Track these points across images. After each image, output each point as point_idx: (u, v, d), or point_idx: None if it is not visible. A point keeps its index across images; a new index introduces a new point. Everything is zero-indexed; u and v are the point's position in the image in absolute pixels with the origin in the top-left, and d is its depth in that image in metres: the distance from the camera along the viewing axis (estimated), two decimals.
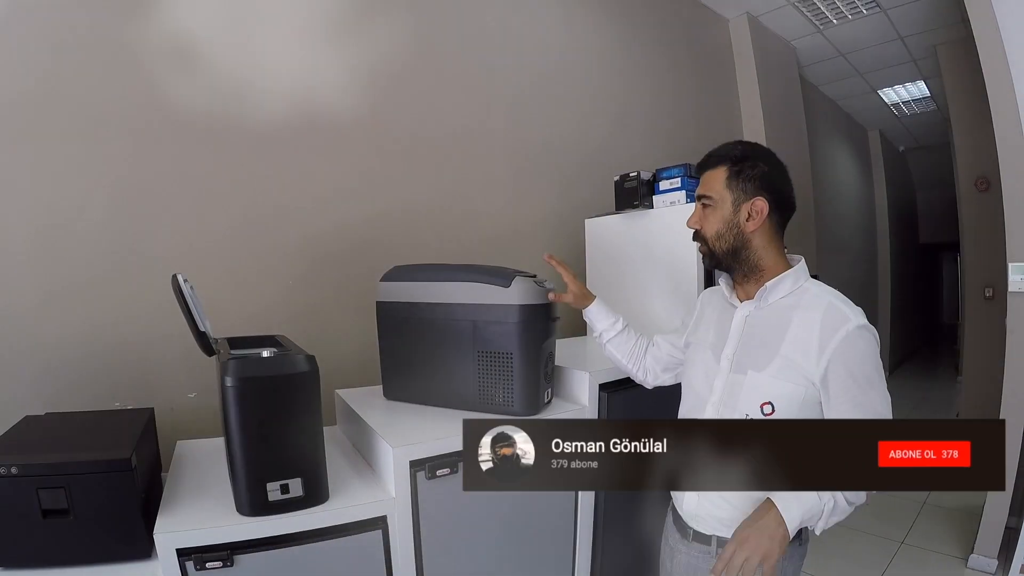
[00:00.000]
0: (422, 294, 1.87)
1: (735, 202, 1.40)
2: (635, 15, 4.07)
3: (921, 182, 10.55)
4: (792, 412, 1.29)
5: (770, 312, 1.38)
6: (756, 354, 1.36)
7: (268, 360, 1.39)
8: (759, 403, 1.31)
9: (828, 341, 1.26)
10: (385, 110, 2.68)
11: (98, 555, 1.31)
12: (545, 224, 3.31)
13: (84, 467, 1.28)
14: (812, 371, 1.27)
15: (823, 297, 1.34)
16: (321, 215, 2.46)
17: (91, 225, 1.99)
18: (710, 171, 1.44)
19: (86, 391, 1.96)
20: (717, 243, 1.41)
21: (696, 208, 1.46)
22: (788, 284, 1.39)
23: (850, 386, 1.26)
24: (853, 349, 1.26)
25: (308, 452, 1.42)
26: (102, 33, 2.01)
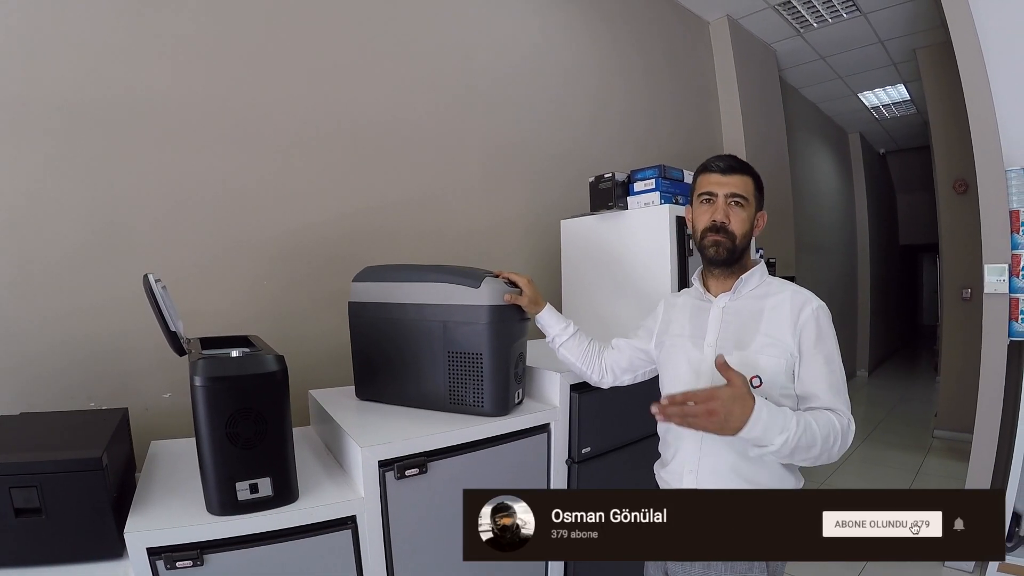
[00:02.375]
0: (393, 294, 1.89)
1: (756, 209, 1.59)
2: (614, 16, 4.10)
3: (901, 185, 10.66)
4: (777, 381, 1.43)
5: (744, 302, 1.56)
6: (739, 336, 1.51)
7: (237, 360, 1.40)
8: (748, 377, 1.32)
9: (798, 316, 1.45)
10: (358, 108, 2.68)
11: (70, 554, 1.31)
12: (521, 224, 3.32)
13: (55, 466, 1.27)
14: (790, 342, 1.44)
15: (786, 286, 1.55)
16: (296, 215, 2.46)
17: (66, 226, 1.98)
18: (741, 176, 1.57)
19: (62, 392, 1.95)
20: (742, 241, 1.55)
21: (719, 203, 1.55)
22: (757, 278, 1.58)
23: (818, 358, 1.42)
24: (818, 321, 1.45)
25: (277, 452, 1.42)
26: (79, 29, 2.00)
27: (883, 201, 10.05)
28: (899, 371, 9.36)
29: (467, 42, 3.15)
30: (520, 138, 3.37)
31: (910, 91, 6.85)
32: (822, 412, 1.35)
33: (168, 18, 2.17)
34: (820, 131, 7.62)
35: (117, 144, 2.07)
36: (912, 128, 8.14)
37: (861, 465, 4.97)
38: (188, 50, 2.22)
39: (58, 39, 1.97)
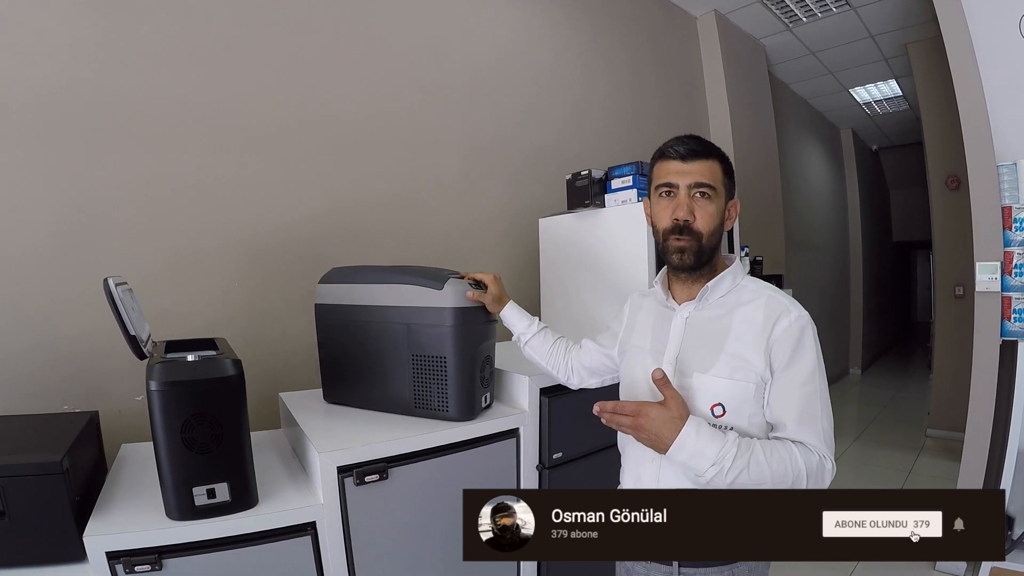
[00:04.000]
0: (358, 296, 1.87)
1: (726, 198, 1.37)
2: (597, 10, 4.07)
3: (894, 181, 10.66)
4: (744, 411, 1.24)
5: (711, 313, 1.34)
6: (700, 355, 1.31)
7: (193, 364, 1.39)
8: (709, 405, 1.25)
9: (772, 330, 1.24)
10: (331, 106, 2.66)
11: (33, 557, 1.32)
12: (499, 223, 3.30)
13: (16, 469, 1.28)
14: (759, 365, 1.24)
15: (762, 291, 1.32)
16: (270, 215, 2.45)
17: (39, 230, 1.98)
18: (706, 161, 1.34)
19: (35, 395, 1.95)
20: (711, 239, 1.33)
21: (682, 197, 1.33)
22: (728, 282, 1.35)
23: (790, 380, 1.23)
24: (795, 338, 1.23)
25: (234, 457, 1.41)
26: (52, 34, 1.99)
27: (876, 198, 10.06)
28: (892, 369, 9.35)
29: (443, 37, 3.12)
30: (499, 135, 3.34)
31: (902, 86, 6.83)
32: (784, 445, 1.18)
33: (139, 17, 2.16)
34: (811, 127, 7.60)
35: (87, 144, 2.06)
36: (905, 124, 8.11)
37: (853, 465, 4.98)
38: (159, 49, 2.21)
39: (28, 38, 1.95)
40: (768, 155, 5.67)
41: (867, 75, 6.59)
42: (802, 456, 1.15)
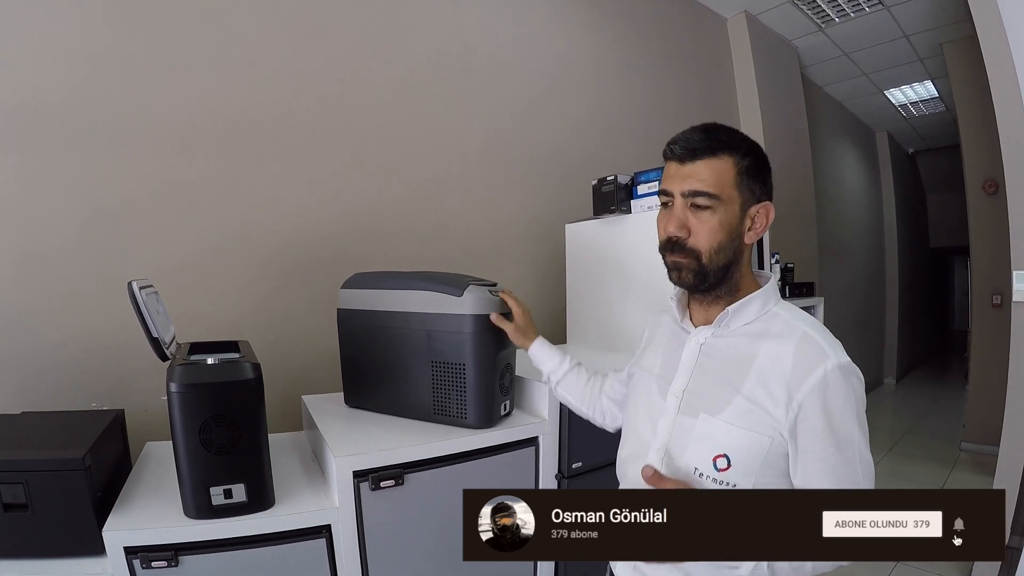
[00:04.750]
0: (379, 302, 1.88)
1: (744, 205, 1.11)
2: (627, 13, 4.04)
3: (932, 185, 10.44)
4: (752, 470, 1.06)
5: (731, 341, 1.13)
6: (711, 392, 1.10)
7: (213, 367, 1.42)
8: (711, 456, 1.07)
9: (802, 382, 1.02)
10: (361, 116, 2.68)
11: (54, 550, 1.36)
12: (523, 227, 3.29)
13: (40, 464, 1.32)
14: (780, 418, 1.03)
15: (796, 326, 1.09)
16: (291, 220, 2.47)
17: (70, 232, 2.03)
18: (708, 160, 1.09)
19: (65, 393, 2.00)
20: (716, 258, 1.09)
21: (676, 208, 1.11)
22: (755, 308, 1.13)
23: (826, 445, 1.03)
24: (833, 395, 1.02)
25: (251, 459, 1.43)
26: (78, 43, 2.04)
27: (912, 202, 9.84)
28: (928, 379, 9.15)
29: (468, 41, 3.12)
30: (524, 140, 3.33)
31: (938, 88, 6.67)
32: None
33: (160, 23, 2.20)
34: (846, 130, 7.46)
35: (113, 146, 2.11)
36: (942, 127, 7.91)
37: (883, 479, 4.76)
38: (182, 55, 2.25)
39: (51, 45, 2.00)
40: (801, 159, 5.58)
41: (902, 76, 6.45)
42: None
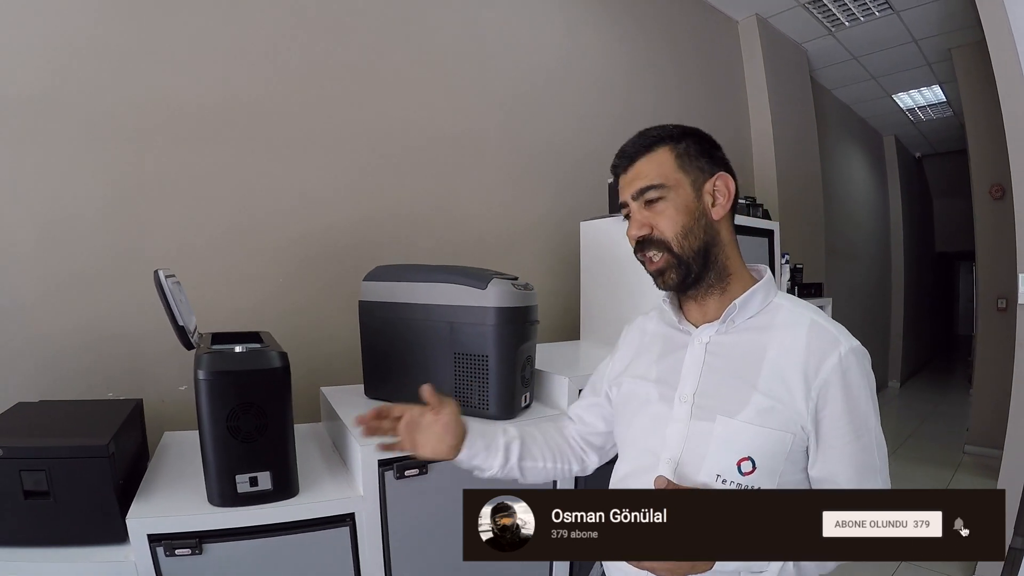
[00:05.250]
0: (402, 294, 1.89)
1: (695, 184, 1.10)
2: (639, 15, 4.06)
3: (938, 189, 10.43)
4: (776, 469, 1.04)
5: (737, 337, 1.10)
6: (725, 393, 1.06)
7: (241, 355, 1.42)
8: (735, 459, 1.04)
9: (819, 369, 1.02)
10: (378, 110, 2.70)
11: (76, 537, 1.35)
12: (540, 226, 3.30)
13: (63, 452, 1.32)
14: (802, 411, 1.02)
15: (802, 313, 1.08)
16: (314, 215, 2.49)
17: (90, 222, 2.04)
18: (646, 157, 1.12)
19: (82, 382, 2.00)
20: (686, 242, 1.08)
21: (633, 212, 1.13)
22: (759, 300, 1.11)
23: (845, 432, 1.03)
24: (849, 380, 1.03)
25: (278, 447, 1.44)
26: (101, 34, 2.05)
27: (918, 207, 9.84)
28: (932, 383, 9.17)
29: (488, 45, 3.15)
30: (544, 140, 3.35)
31: (946, 92, 6.68)
32: None
33: (187, 20, 2.21)
34: (854, 133, 7.47)
35: (135, 139, 2.12)
36: (949, 131, 7.93)
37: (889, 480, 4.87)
38: (207, 52, 2.26)
39: (78, 41, 2.02)
40: (810, 162, 5.59)
41: (910, 80, 6.46)
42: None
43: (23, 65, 1.93)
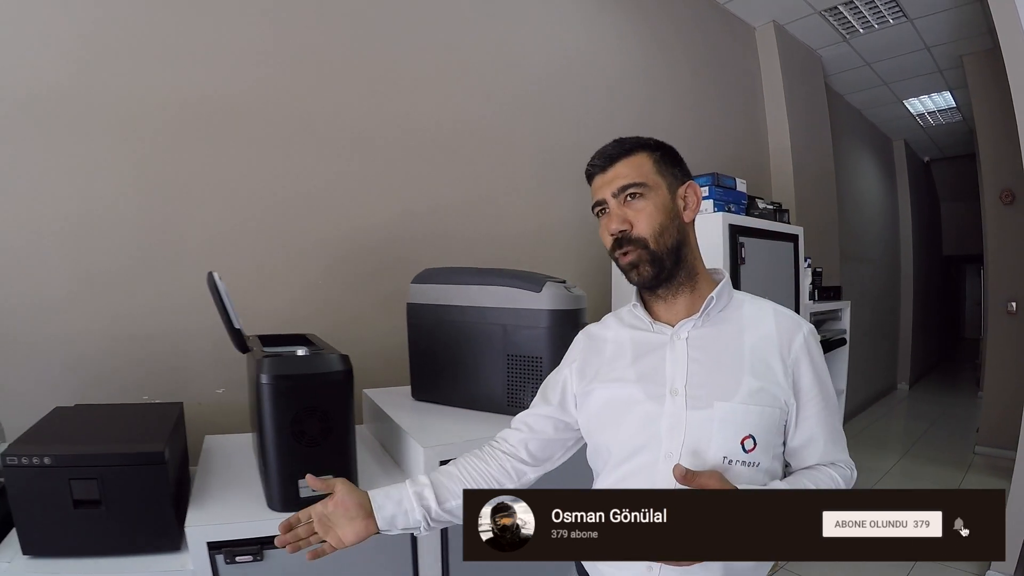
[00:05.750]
0: (453, 297, 1.89)
1: (671, 188, 1.18)
2: (662, 21, 4.09)
3: (945, 193, 10.49)
4: (771, 441, 1.12)
5: (712, 330, 1.17)
6: (717, 381, 1.12)
7: (303, 359, 1.42)
8: (739, 439, 1.10)
9: (790, 349, 1.14)
10: (411, 111, 2.71)
11: (128, 546, 1.33)
12: (571, 227, 3.32)
13: (117, 459, 1.29)
14: (784, 386, 1.12)
15: (763, 304, 1.20)
16: (350, 217, 2.49)
17: (122, 220, 2.03)
18: (626, 159, 1.18)
19: (114, 384, 1.99)
20: (661, 240, 1.14)
21: (612, 208, 1.17)
22: (727, 294, 1.19)
23: (817, 399, 1.15)
24: (813, 355, 1.16)
25: (341, 450, 1.44)
26: (134, 29, 2.05)
27: (927, 210, 9.88)
28: (940, 385, 9.21)
29: (517, 49, 3.18)
30: (569, 142, 3.36)
31: (956, 98, 6.74)
32: (822, 471, 1.15)
33: (220, 17, 2.22)
34: (864, 138, 7.51)
35: (172, 146, 2.12)
36: (957, 136, 8.00)
37: (901, 480, 4.89)
38: (244, 53, 2.27)
39: (107, 37, 2.01)
40: (825, 166, 5.63)
41: (921, 86, 6.51)
42: (840, 476, 1.15)
43: (51, 61, 1.92)
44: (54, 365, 1.93)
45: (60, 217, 1.94)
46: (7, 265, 1.86)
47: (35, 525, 1.27)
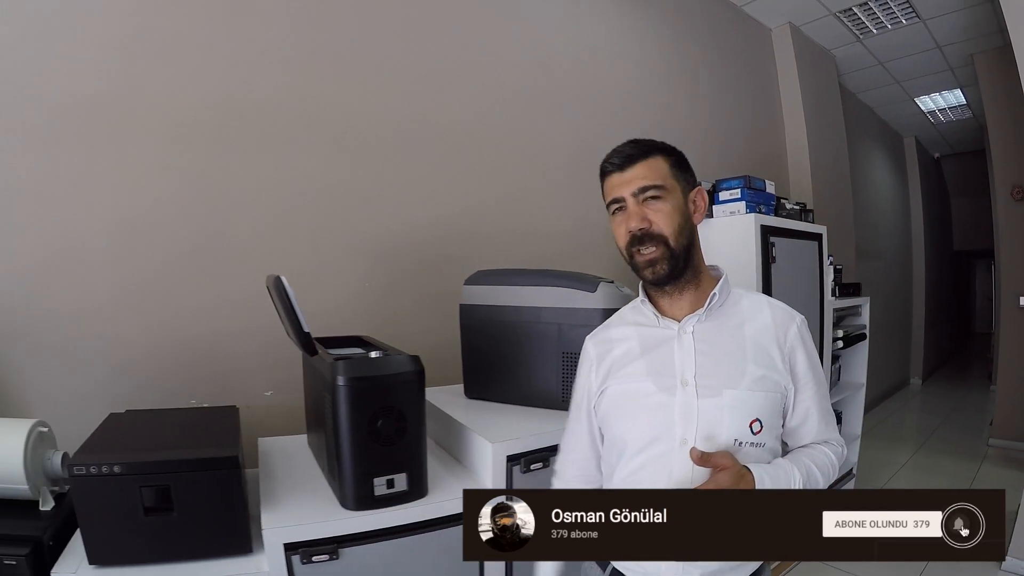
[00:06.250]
0: (507, 298, 1.94)
1: (684, 191, 1.24)
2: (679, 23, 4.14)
3: (955, 189, 10.50)
4: (774, 423, 1.21)
5: (715, 324, 1.25)
6: (723, 370, 1.20)
7: (376, 361, 1.46)
8: (747, 422, 1.17)
9: (786, 338, 1.23)
10: (448, 114, 2.76)
11: (200, 551, 1.33)
12: (601, 225, 3.28)
13: (191, 465, 1.30)
14: (783, 371, 1.21)
15: (759, 298, 1.30)
16: (389, 216, 2.53)
17: (166, 224, 2.05)
18: (645, 161, 1.23)
19: (161, 389, 2.01)
20: (679, 240, 1.20)
21: (630, 206, 1.22)
22: (727, 290, 1.28)
23: (811, 382, 1.24)
24: (806, 343, 1.25)
25: (414, 448, 1.47)
26: (177, 33, 2.08)
27: (937, 206, 9.89)
28: (952, 379, 9.22)
29: (543, 51, 3.23)
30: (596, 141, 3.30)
31: (966, 95, 6.78)
32: (817, 449, 1.23)
33: (262, 23, 2.25)
34: (876, 136, 7.55)
35: (213, 150, 2.15)
36: (967, 132, 8.05)
37: (917, 473, 4.92)
38: (283, 56, 2.30)
39: (160, 45, 2.04)
40: (840, 165, 5.67)
41: (933, 84, 6.56)
42: (833, 454, 1.25)
43: (92, 69, 1.93)
44: (102, 371, 1.95)
45: (104, 223, 1.95)
46: (53, 272, 1.88)
47: (103, 534, 1.27)
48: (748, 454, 1.16)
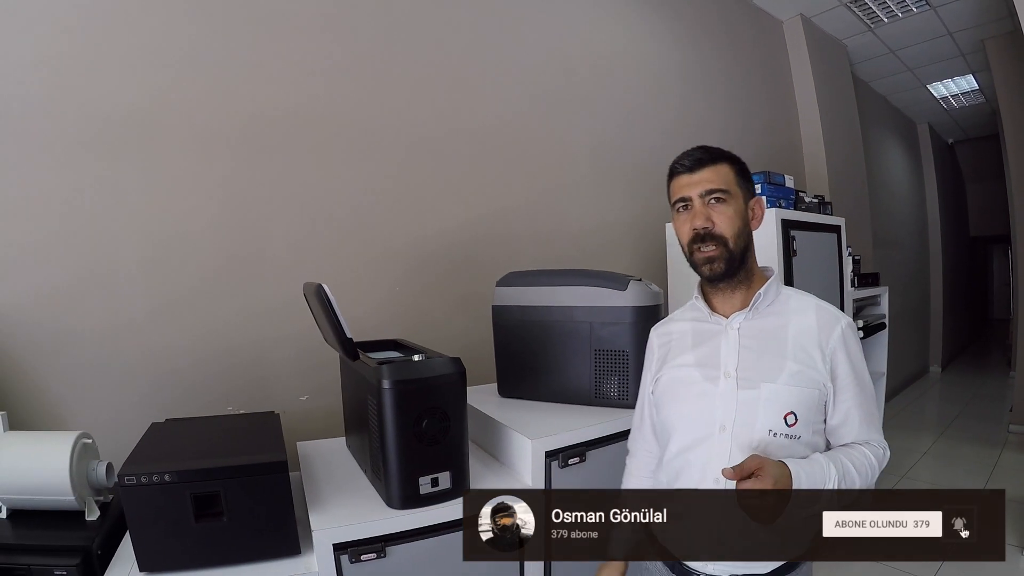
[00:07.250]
0: (539, 298, 1.99)
1: (745, 199, 1.33)
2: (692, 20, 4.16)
3: (970, 174, 10.41)
4: (810, 418, 1.26)
5: (761, 322, 1.32)
6: (763, 365, 1.28)
7: (419, 364, 1.49)
8: (782, 414, 1.24)
9: (828, 340, 1.27)
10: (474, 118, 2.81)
11: (249, 554, 1.36)
12: (629, 229, 3.42)
13: (241, 471, 1.33)
14: (822, 371, 1.26)
15: (807, 300, 1.35)
16: (419, 221, 2.57)
17: (202, 234, 2.10)
18: (713, 167, 1.31)
19: (198, 397, 2.05)
20: (738, 242, 1.29)
21: (696, 207, 1.30)
22: (774, 290, 1.34)
23: (852, 385, 1.28)
24: (850, 346, 1.29)
25: (457, 447, 1.51)
26: (207, 46, 2.12)
27: (952, 192, 9.80)
28: (971, 366, 9.13)
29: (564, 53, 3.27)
30: (618, 142, 3.46)
31: (978, 80, 6.75)
32: (857, 449, 1.26)
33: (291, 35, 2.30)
34: (890, 124, 7.51)
35: (247, 160, 2.19)
36: (980, 117, 8.00)
37: (939, 460, 4.92)
38: (314, 67, 2.34)
39: (191, 58, 2.09)
40: (855, 155, 5.67)
41: (945, 71, 6.54)
42: (873, 455, 1.26)
43: (130, 84, 1.98)
44: (140, 383, 1.99)
45: (140, 234, 2.00)
46: (91, 287, 1.93)
47: (153, 542, 1.30)
48: (782, 445, 1.22)
